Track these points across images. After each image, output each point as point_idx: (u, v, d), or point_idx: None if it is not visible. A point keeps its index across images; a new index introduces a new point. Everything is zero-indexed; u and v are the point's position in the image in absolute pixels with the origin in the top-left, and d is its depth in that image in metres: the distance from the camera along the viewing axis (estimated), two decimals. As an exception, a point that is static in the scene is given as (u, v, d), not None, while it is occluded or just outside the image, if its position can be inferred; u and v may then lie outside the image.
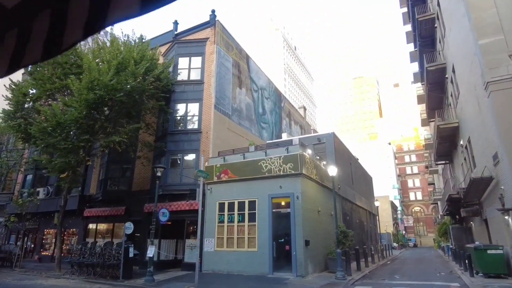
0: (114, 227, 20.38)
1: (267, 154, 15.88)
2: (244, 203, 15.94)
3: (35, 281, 14.15)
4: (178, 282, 13.46)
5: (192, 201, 17.14)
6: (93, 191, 21.83)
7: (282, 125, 28.16)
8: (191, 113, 19.06)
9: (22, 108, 18.02)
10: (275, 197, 15.26)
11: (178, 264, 18.21)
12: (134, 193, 19.78)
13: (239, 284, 12.50)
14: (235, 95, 21.20)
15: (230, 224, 16.06)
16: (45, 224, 23.30)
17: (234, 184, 16.44)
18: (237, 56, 22.23)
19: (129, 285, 13.31)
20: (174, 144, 18.50)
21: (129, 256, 14.77)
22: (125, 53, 15.45)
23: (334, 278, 13.86)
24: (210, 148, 17.97)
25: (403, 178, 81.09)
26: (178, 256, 18.58)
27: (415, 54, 49.64)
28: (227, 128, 19.77)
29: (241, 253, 15.30)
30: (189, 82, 19.56)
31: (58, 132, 14.40)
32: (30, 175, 25.71)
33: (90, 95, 13.70)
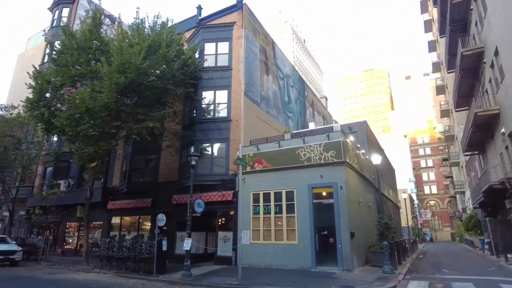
0: (139, 219, 19.69)
1: (305, 141, 14.96)
2: (281, 193, 15.10)
3: (66, 275, 13.50)
4: (218, 277, 12.69)
5: (225, 191, 16.34)
6: (116, 183, 21.16)
7: (306, 114, 27.19)
8: (219, 101, 18.18)
9: (45, 97, 17.30)
10: (315, 187, 14.38)
11: (209, 258, 17.51)
12: (161, 184, 19.04)
13: (284, 279, 11.68)
14: (262, 82, 20.28)
15: (267, 216, 15.24)
16: (67, 217, 22.73)
17: (269, 174, 15.59)
18: (264, 42, 21.27)
19: (166, 280, 12.58)
20: (202, 133, 17.68)
21: (162, 250, 14.07)
22: (154, 36, 14.58)
23: (381, 272, 13.00)
24: (241, 137, 17.11)
25: (417, 172, 79.67)
26: (209, 249, 17.87)
27: (434, 44, 48.21)
28: (256, 116, 18.89)
29: (280, 246, 14.50)
30: (216, 68, 18.67)
31: (86, 119, 13.65)
32: (50, 167, 25.14)
33: (120, 79, 12.89)
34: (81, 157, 14.00)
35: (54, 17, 31.73)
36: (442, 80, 46.50)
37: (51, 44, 17.12)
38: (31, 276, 13.14)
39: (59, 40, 29.76)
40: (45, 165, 25.21)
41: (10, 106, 22.33)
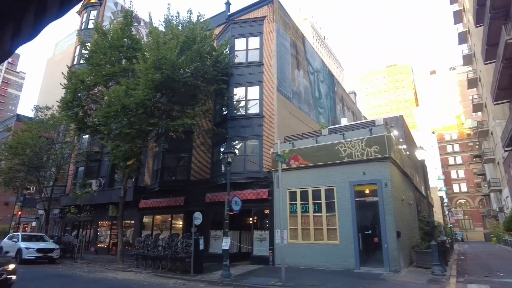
0: (172, 218, 19.56)
1: (345, 137, 14.31)
2: (320, 191, 14.51)
3: (105, 274, 13.42)
4: (258, 277, 12.26)
5: (260, 189, 15.90)
6: (148, 182, 21.13)
7: (336, 110, 26.41)
8: (251, 97, 17.75)
9: (78, 97, 17.42)
10: (357, 185, 13.71)
11: (243, 257, 17.13)
12: (193, 182, 18.82)
13: (331, 280, 11.11)
14: (294, 77, 19.72)
15: (305, 215, 14.70)
16: (99, 216, 22.93)
17: (306, 171, 15.04)
18: (294, 36, 20.69)
19: (205, 280, 12.27)
20: (234, 130, 17.31)
21: (199, 249, 13.78)
22: (188, 31, 14.31)
23: (430, 274, 12.19)
24: (274, 133, 16.62)
25: (445, 169, 76.81)
26: (243, 247, 17.49)
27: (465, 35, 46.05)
28: (289, 112, 18.35)
29: (320, 246, 13.93)
30: (247, 64, 18.26)
31: (121, 117, 13.52)
32: (82, 167, 25.50)
33: (156, 75, 12.67)
34: (117, 156, 13.90)
35: (82, 20, 32.29)
36: (475, 72, 44.42)
37: (83, 45, 17.19)
38: (71, 274, 13.14)
39: (89, 42, 30.40)
40: (76, 165, 25.59)
41: (44, 107, 22.77)
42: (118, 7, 34.52)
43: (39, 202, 29.34)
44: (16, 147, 20.83)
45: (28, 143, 21.16)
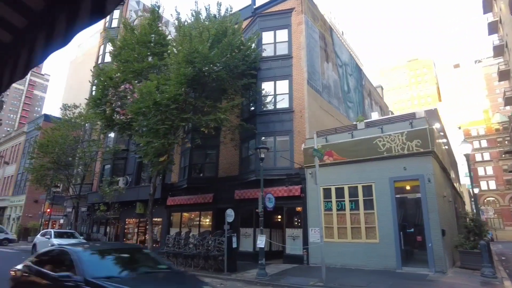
0: (200, 215, 19.33)
1: (383, 130, 13.62)
2: (357, 188, 13.90)
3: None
4: (296, 277, 11.79)
5: (292, 186, 15.41)
6: (175, 179, 20.98)
7: (364, 104, 25.57)
8: (280, 91, 17.26)
9: (106, 94, 17.38)
10: (398, 181, 13.01)
11: (274, 256, 16.71)
12: (221, 179, 18.52)
13: (375, 281, 10.53)
14: (323, 70, 19.09)
15: (341, 212, 14.11)
16: (126, 213, 22.99)
17: (341, 167, 14.44)
18: (322, 28, 20.03)
19: (241, 279, 11.91)
20: (263, 125, 16.86)
21: (232, 247, 13.43)
22: (218, 24, 13.94)
23: (479, 275, 11.40)
24: (306, 128, 16.07)
25: (472, 166, 73.94)
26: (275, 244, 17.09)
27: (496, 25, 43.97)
28: (319, 106, 17.76)
29: (358, 245, 13.33)
30: (275, 57, 17.77)
31: (152, 113, 13.30)
32: (108, 165, 25.67)
33: (188, 69, 12.36)
34: (148, 152, 13.71)
35: (106, 19, 32.56)
36: (507, 64, 42.36)
37: (112, 41, 17.13)
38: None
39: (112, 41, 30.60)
40: (103, 163, 25.78)
41: (72, 106, 23.03)
42: (140, 6, 34.67)
43: (67, 199, 29.85)
44: (47, 145, 21.11)
45: (58, 141, 21.41)
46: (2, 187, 39.10)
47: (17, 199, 35.92)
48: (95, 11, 1.44)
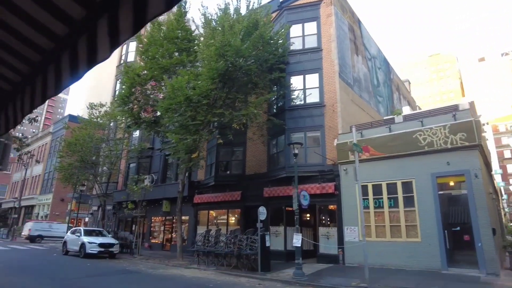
0: (228, 213, 19.03)
1: (423, 124, 12.91)
2: (395, 185, 13.24)
3: (170, 271, 13.06)
4: (335, 277, 11.28)
5: (325, 183, 14.87)
6: (201, 177, 20.76)
7: (393, 99, 24.69)
8: (310, 85, 16.72)
9: (133, 92, 17.30)
10: (441, 176, 12.30)
11: (305, 255, 16.21)
12: (249, 177, 18.16)
13: (422, 283, 9.90)
14: (353, 63, 18.43)
15: (378, 210, 13.50)
16: (152, 211, 22.95)
17: (378, 163, 13.80)
18: (351, 20, 19.36)
19: (277, 279, 11.49)
20: (293, 121, 16.37)
21: (265, 246, 13.03)
22: (249, 16, 13.55)
23: (536, 278, 10.59)
24: (338, 123, 15.50)
25: (501, 163, 71.16)
26: (304, 245, 16.59)
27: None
28: (351, 100, 17.13)
29: (398, 244, 12.69)
30: (304, 51, 17.24)
31: (183, 109, 13.04)
32: (133, 163, 25.76)
33: (220, 63, 12.02)
34: (179, 149, 13.47)
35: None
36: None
37: (138, 38, 17.02)
38: (137, 270, 12.90)
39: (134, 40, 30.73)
40: (128, 161, 25.89)
41: (98, 105, 23.19)
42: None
43: (93, 198, 30.22)
44: (75, 144, 21.31)
45: (85, 139, 21.60)
46: (30, 186, 40.13)
47: (45, 198, 36.75)
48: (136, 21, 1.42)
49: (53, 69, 1.99)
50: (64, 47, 1.87)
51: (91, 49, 1.67)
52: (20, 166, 44.58)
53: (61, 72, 1.92)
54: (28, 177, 38.90)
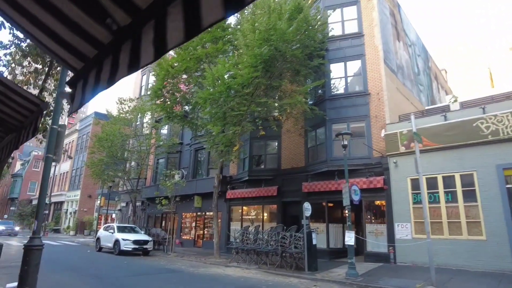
0: (263, 209, 18.34)
1: (485, 111, 11.75)
2: (453, 177, 12.17)
3: (212, 270, 12.47)
4: (394, 279, 10.37)
5: (373, 177, 13.91)
6: (233, 172, 20.14)
7: (433, 88, 23.30)
8: (352, 73, 15.74)
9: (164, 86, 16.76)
10: (508, 168, 11.14)
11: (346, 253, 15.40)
12: (285, 171, 17.38)
13: (496, 286, 8.88)
14: (396, 49, 17.28)
15: (434, 205, 12.46)
16: (183, 207, 22.52)
17: (432, 154, 12.74)
18: (391, 4, 18.16)
19: (328, 280, 10.68)
20: (334, 111, 15.44)
21: (312, 243, 12.24)
22: (292, -1, 12.68)
23: None
24: (385, 112, 14.47)
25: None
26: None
27: None
28: (396, 88, 16.03)
29: (458, 242, 11.65)
30: (344, 37, 16.24)
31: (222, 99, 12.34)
32: (162, 159, 25.43)
33: (264, 50, 11.24)
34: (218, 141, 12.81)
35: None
36: None
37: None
38: (178, 269, 12.37)
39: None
40: (157, 157, 25.58)
41: (128, 100, 22.91)
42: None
43: (120, 194, 30.20)
44: (106, 139, 21.09)
45: (115, 135, 21.36)
46: (59, 183, 40.77)
47: (73, 194, 37.20)
48: None
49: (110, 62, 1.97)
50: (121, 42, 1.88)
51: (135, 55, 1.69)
52: (48, 163, 45.49)
53: (119, 65, 1.86)
54: (57, 174, 39.47)
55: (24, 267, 4.64)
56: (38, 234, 4.96)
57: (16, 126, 4.08)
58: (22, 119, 3.91)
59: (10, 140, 4.32)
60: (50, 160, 5.21)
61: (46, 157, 5.18)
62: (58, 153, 5.30)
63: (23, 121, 3.91)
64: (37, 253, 4.77)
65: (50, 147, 5.22)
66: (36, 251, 4.76)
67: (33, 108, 3.63)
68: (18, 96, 3.47)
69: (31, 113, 3.70)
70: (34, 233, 4.99)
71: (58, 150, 5.31)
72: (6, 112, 3.82)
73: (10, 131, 4.34)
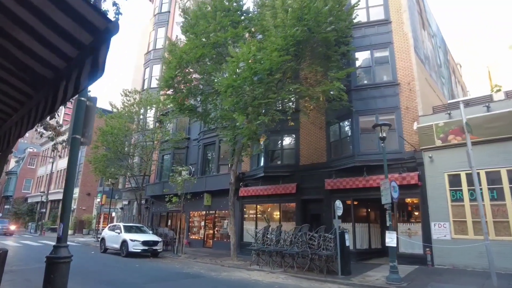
0: (280, 207, 17.27)
1: (536, 100, 10.81)
2: (499, 173, 11.23)
3: (237, 274, 11.37)
4: (442, 284, 9.38)
5: (406, 173, 12.91)
6: (246, 168, 19.03)
7: (452, 82, 22.41)
8: (379, 62, 14.72)
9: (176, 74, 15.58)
10: None
11: (374, 254, 14.46)
12: (304, 167, 16.33)
13: None
14: (423, 38, 16.32)
15: (476, 203, 11.45)
16: (191, 206, 21.33)
17: (473, 148, 11.69)
18: (415, -10, 17.16)
19: (368, 285, 9.66)
20: (361, 102, 14.43)
21: (345, 245, 11.20)
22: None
23: None
24: (418, 104, 13.48)
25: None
26: (372, 243, 14.80)
27: None
28: (425, 78, 15.05)
29: (506, 244, 10.79)
30: (369, 23, 15.23)
31: (246, 86, 11.23)
32: (167, 155, 24.24)
33: (297, 30, 10.14)
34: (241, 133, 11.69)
35: (155, 5, 31.30)
36: None
37: (185, 12, 15.25)
38: (198, 274, 11.24)
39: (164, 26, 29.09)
40: (161, 153, 24.37)
41: (134, 91, 21.63)
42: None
43: (122, 192, 28.94)
44: (111, 133, 19.83)
45: (121, 129, 20.14)
46: (56, 181, 39.28)
47: (71, 192, 35.75)
48: None
49: None
50: None
51: None
52: (45, 161, 43.94)
53: None
54: (54, 171, 38.00)
55: (47, 286, 3.51)
56: (65, 241, 3.82)
57: (56, 73, 2.42)
58: (68, 56, 2.23)
59: (36, 104, 2.75)
60: (78, 142, 4.07)
61: (72, 138, 4.04)
62: (88, 133, 4.17)
63: (66, 63, 2.29)
64: (64, 268, 3.66)
65: (77, 125, 4.09)
66: (63, 265, 3.64)
67: (88, 37, 2.00)
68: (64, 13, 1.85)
69: (84, 47, 2.07)
70: (60, 240, 3.84)
71: (88, 130, 4.18)
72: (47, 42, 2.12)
73: (41, 84, 2.66)
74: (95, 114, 4.48)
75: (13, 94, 3.01)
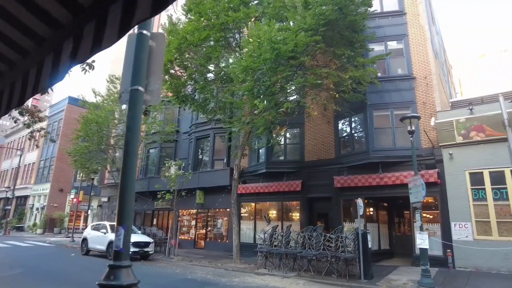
0: (282, 206, 16.23)
1: None
2: (526, 171, 10.77)
3: (249, 280, 10.22)
4: (480, 289, 8.72)
5: (424, 171, 12.25)
6: (244, 164, 17.81)
7: (449, 82, 22.33)
8: (393, 54, 14.04)
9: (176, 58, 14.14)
10: None
11: (383, 256, 13.82)
12: (310, 163, 15.40)
13: None
14: (433, 32, 15.84)
15: (500, 203, 11.02)
16: (181, 203, 19.76)
17: (497, 145, 11.28)
18: (425, -17, 16.70)
19: (399, 291, 8.85)
20: (376, 96, 13.66)
21: (367, 247, 10.35)
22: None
23: None
24: (435, 98, 12.91)
25: None
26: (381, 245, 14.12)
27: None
28: (439, 73, 14.55)
29: (534, 245, 10.25)
30: (383, 14, 14.54)
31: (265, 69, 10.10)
32: (154, 149, 22.55)
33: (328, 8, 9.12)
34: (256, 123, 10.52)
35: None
36: None
37: (187, -10, 13.84)
38: (204, 280, 9.98)
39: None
40: (148, 146, 22.64)
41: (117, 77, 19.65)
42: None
43: (102, 188, 26.89)
44: (96, 122, 17.87)
45: (107, 117, 18.28)
46: (23, 175, 36.04)
47: (41, 188, 32.88)
48: None
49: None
50: None
51: None
52: (9, 154, 40.36)
53: None
54: (21, 165, 34.82)
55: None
56: (126, 257, 2.43)
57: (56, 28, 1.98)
58: None
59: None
60: (140, 98, 2.75)
61: (131, 91, 2.72)
62: (153, 87, 2.87)
63: None
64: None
65: (137, 74, 2.76)
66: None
67: None
68: None
69: None
70: (119, 256, 2.41)
71: (153, 80, 2.88)
72: None
73: (39, 41, 2.11)
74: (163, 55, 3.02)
75: None
